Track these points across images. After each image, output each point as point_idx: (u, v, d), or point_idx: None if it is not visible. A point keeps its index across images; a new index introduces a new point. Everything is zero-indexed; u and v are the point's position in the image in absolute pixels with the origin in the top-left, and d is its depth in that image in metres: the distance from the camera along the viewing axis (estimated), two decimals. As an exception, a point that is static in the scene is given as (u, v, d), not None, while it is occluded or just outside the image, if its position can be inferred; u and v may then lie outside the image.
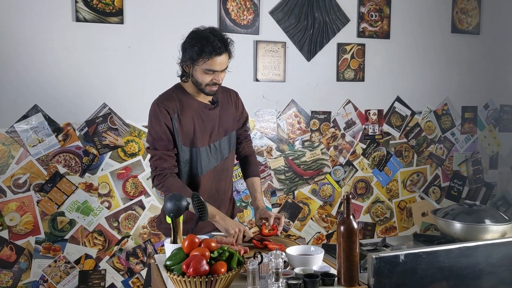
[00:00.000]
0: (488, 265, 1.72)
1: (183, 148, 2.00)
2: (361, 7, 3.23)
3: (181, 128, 1.97)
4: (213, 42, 1.84)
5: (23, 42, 2.57)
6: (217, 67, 1.89)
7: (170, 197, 1.69)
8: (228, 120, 2.09)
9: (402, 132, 3.44)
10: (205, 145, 2.02)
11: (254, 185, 2.15)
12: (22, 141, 2.62)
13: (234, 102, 2.13)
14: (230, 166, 2.14)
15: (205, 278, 1.42)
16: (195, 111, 1.99)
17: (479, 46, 3.60)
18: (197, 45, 1.86)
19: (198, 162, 2.01)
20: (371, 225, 3.41)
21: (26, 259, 2.66)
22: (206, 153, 2.02)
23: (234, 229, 1.90)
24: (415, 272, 1.61)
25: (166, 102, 1.97)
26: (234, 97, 2.15)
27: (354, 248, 1.55)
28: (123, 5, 2.71)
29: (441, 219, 2.01)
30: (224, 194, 2.13)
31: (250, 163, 2.21)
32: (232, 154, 2.15)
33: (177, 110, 1.96)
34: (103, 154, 2.76)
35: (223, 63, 1.90)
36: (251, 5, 2.95)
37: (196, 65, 1.89)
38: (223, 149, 2.07)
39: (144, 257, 2.88)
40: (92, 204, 2.76)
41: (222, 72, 1.93)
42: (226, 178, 2.12)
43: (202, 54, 1.85)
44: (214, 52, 1.84)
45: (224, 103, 2.09)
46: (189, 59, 1.90)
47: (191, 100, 2.00)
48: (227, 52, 1.90)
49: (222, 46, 1.86)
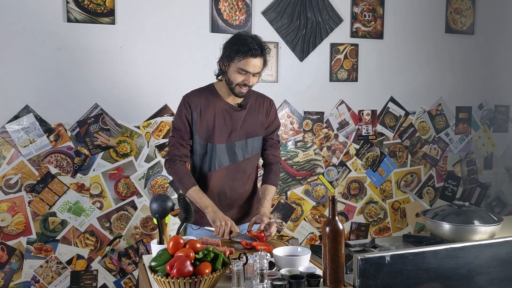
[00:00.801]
0: (475, 266, 1.71)
1: (199, 142, 2.10)
2: (354, 7, 3.22)
3: (201, 123, 2.08)
4: (250, 44, 1.96)
5: (14, 43, 2.57)
6: (250, 68, 1.98)
7: (156, 197, 1.69)
8: (253, 125, 2.14)
9: (396, 132, 3.44)
10: (222, 143, 2.09)
11: (266, 191, 2.17)
12: (14, 141, 2.61)
13: (266, 109, 2.19)
14: (249, 169, 2.18)
15: (189, 279, 1.41)
16: (219, 110, 2.09)
17: (473, 46, 3.59)
18: (236, 44, 1.98)
19: (212, 158, 2.10)
20: (365, 225, 3.41)
21: (18, 260, 2.66)
22: (222, 151, 2.10)
23: (220, 222, 1.93)
24: (401, 273, 1.61)
25: (191, 97, 2.11)
26: (268, 104, 2.21)
27: (339, 249, 1.54)
28: (115, 5, 2.71)
29: (430, 220, 2.01)
30: (239, 194, 2.16)
31: (271, 171, 2.23)
32: (253, 158, 2.18)
33: (200, 106, 2.08)
34: (95, 155, 2.76)
35: (257, 66, 2.00)
36: (243, 5, 2.95)
37: (232, 62, 1.99)
38: (241, 151, 2.13)
39: (136, 257, 2.88)
40: (83, 205, 2.76)
41: (254, 76, 2.02)
42: (242, 179, 2.15)
43: (238, 53, 1.96)
44: (249, 52, 1.95)
45: (254, 108, 2.15)
46: (226, 57, 2.01)
47: (218, 99, 2.10)
48: (262, 57, 2.01)
49: (258, 50, 1.97)
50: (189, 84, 2.27)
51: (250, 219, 2.18)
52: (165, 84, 2.85)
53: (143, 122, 2.84)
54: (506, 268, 1.75)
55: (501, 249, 1.75)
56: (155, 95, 2.85)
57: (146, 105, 2.84)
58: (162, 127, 2.87)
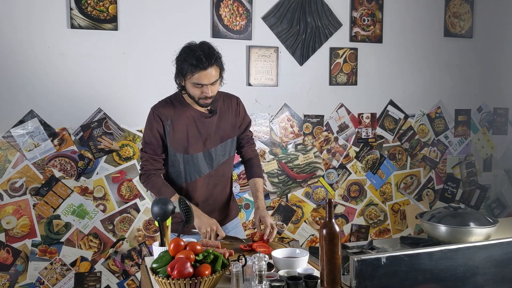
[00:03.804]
0: (470, 268, 1.74)
1: (175, 154, 2.06)
2: (354, 12, 3.26)
3: (174, 134, 2.04)
4: (198, 56, 1.88)
5: (19, 49, 2.63)
6: (204, 80, 1.92)
7: (157, 201, 1.73)
8: (226, 128, 2.13)
9: (395, 135, 3.47)
10: (199, 151, 2.07)
11: (256, 185, 2.20)
12: (19, 145, 2.67)
13: (234, 109, 2.17)
14: (227, 171, 2.19)
15: (189, 280, 1.46)
16: (190, 119, 2.05)
17: (472, 50, 3.63)
18: (184, 60, 1.92)
19: (191, 168, 2.08)
20: (365, 227, 3.44)
21: (23, 262, 2.71)
22: (200, 159, 2.08)
23: (206, 228, 1.94)
24: (396, 275, 1.64)
25: (161, 109, 2.06)
26: (235, 103, 2.18)
27: (336, 251, 1.58)
28: (117, 12, 2.76)
29: (427, 222, 2.04)
30: (219, 198, 2.18)
31: (253, 165, 2.25)
32: (230, 160, 2.19)
33: (171, 117, 2.03)
34: (98, 158, 2.81)
35: (211, 76, 1.93)
36: (244, 11, 3.00)
37: (185, 79, 1.95)
38: (218, 156, 2.12)
39: (139, 259, 2.93)
40: (87, 208, 2.80)
41: (212, 85, 1.96)
42: (221, 183, 2.17)
43: (188, 69, 1.91)
44: (198, 66, 1.88)
45: (224, 111, 2.13)
46: (179, 74, 1.97)
47: (188, 108, 2.06)
48: (214, 65, 1.92)
49: (206, 61, 1.89)
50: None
51: (230, 220, 2.22)
52: (167, 89, 2.87)
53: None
54: (501, 269, 1.78)
55: (496, 250, 1.77)
56: (157, 100, 2.85)
57: (148, 110, 2.86)
58: (164, 131, 2.91)
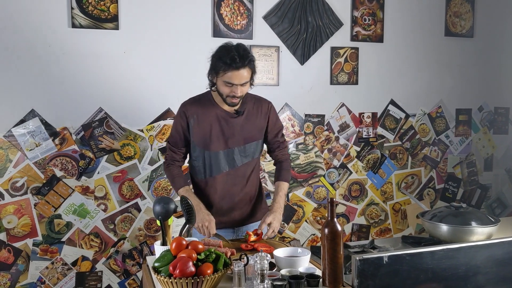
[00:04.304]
0: (472, 267, 1.74)
1: (196, 149, 2.15)
2: (354, 11, 3.26)
3: (198, 131, 2.12)
4: (232, 56, 1.96)
5: (20, 48, 2.63)
6: (235, 80, 1.99)
7: (159, 200, 1.73)
8: (252, 130, 2.17)
9: (396, 134, 3.47)
10: (220, 149, 2.13)
11: (278, 188, 2.23)
12: (20, 145, 2.67)
13: (264, 113, 2.21)
14: (249, 171, 2.21)
15: (191, 279, 1.46)
16: (215, 117, 2.12)
17: (473, 49, 3.63)
18: (219, 58, 1.99)
19: (212, 164, 2.14)
20: (366, 227, 3.44)
21: (24, 261, 2.71)
22: (220, 157, 2.13)
23: (198, 223, 2.02)
24: (398, 274, 1.64)
25: (188, 106, 2.15)
26: (266, 108, 2.22)
27: (338, 250, 1.58)
28: (118, 11, 2.76)
29: (428, 221, 2.04)
30: (238, 197, 2.20)
31: (281, 168, 2.29)
32: (253, 162, 2.21)
33: (197, 114, 2.12)
34: (99, 158, 2.81)
35: (242, 77, 1.99)
36: (245, 10, 3.00)
37: (217, 76, 2.02)
38: (239, 156, 2.16)
39: (140, 258, 2.93)
40: (88, 207, 2.80)
41: (242, 86, 2.02)
42: (241, 183, 2.19)
43: (221, 67, 1.98)
44: (232, 65, 1.96)
45: (252, 113, 2.17)
46: (213, 71, 2.05)
47: (215, 107, 2.13)
48: (247, 67, 2.00)
49: (240, 61, 1.96)
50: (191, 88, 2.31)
51: (255, 220, 2.25)
52: (167, 88, 2.90)
53: (146, 125, 2.89)
54: (502, 268, 1.78)
55: (498, 249, 1.78)
56: (158, 99, 2.89)
57: (149, 109, 2.88)
58: (165, 130, 2.92)
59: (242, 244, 1.98)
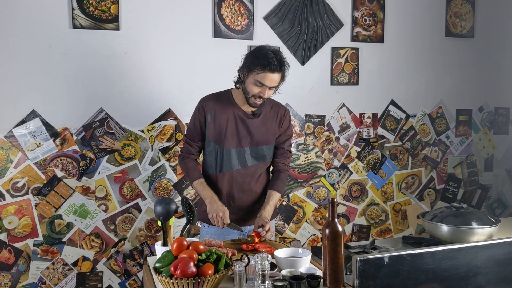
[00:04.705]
0: (473, 267, 1.75)
1: (212, 145, 2.19)
2: (355, 12, 3.26)
3: (214, 126, 2.17)
4: (271, 59, 2.02)
5: (21, 49, 2.63)
6: (267, 82, 2.04)
7: (160, 200, 1.74)
8: (265, 133, 2.20)
9: (396, 135, 3.48)
10: (232, 147, 2.16)
11: (270, 197, 2.22)
12: (20, 145, 2.67)
13: (279, 119, 2.24)
14: (259, 171, 2.24)
15: (192, 279, 1.46)
16: (232, 116, 2.17)
17: (473, 50, 3.63)
18: (257, 57, 2.05)
19: (224, 161, 2.18)
20: (366, 227, 3.44)
21: (25, 262, 2.71)
22: (232, 155, 2.17)
23: (213, 213, 2.04)
24: (399, 274, 1.64)
25: (207, 101, 2.20)
26: (282, 113, 2.26)
27: (339, 251, 1.58)
28: (119, 12, 2.76)
29: (429, 221, 2.05)
30: (247, 196, 2.23)
31: (278, 178, 2.29)
32: (263, 164, 2.25)
33: (214, 110, 2.17)
34: (100, 158, 2.81)
35: (274, 80, 2.06)
36: (245, 11, 3.00)
37: (250, 74, 2.06)
38: (250, 157, 2.19)
39: (140, 259, 2.93)
40: (89, 207, 2.81)
41: (270, 89, 2.09)
42: (250, 182, 2.22)
43: (257, 66, 2.02)
44: (269, 67, 2.01)
45: (268, 117, 2.21)
46: (246, 67, 2.08)
47: (233, 106, 2.18)
48: (280, 72, 2.06)
49: (277, 65, 2.02)
50: (192, 88, 2.33)
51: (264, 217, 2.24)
52: (168, 89, 2.90)
53: (147, 126, 2.89)
54: (503, 268, 1.78)
55: (498, 250, 1.78)
56: (158, 100, 2.89)
57: (150, 109, 2.88)
58: (166, 130, 2.92)
59: (243, 245, 1.98)
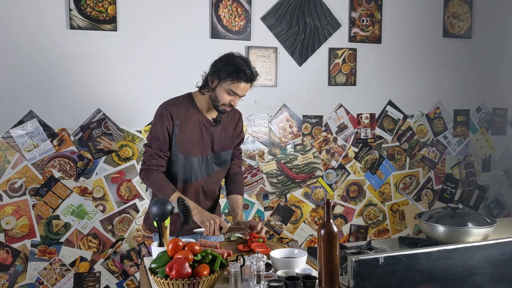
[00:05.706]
0: (468, 268, 1.75)
1: (178, 154, 2.09)
2: (352, 12, 3.27)
3: (181, 135, 2.07)
4: (245, 69, 2.00)
5: (19, 49, 2.63)
6: (240, 91, 2.03)
7: (155, 201, 1.74)
8: (225, 139, 2.19)
9: (394, 135, 3.48)
10: (197, 156, 2.11)
11: (238, 202, 2.23)
12: (18, 146, 2.67)
13: (235, 123, 2.24)
14: (220, 179, 2.26)
15: (188, 280, 1.46)
16: (197, 123, 2.10)
17: (471, 50, 3.63)
18: (232, 66, 2.00)
19: (188, 170, 2.12)
20: (364, 228, 3.45)
21: (22, 262, 2.72)
22: (197, 164, 2.12)
23: (209, 221, 1.98)
24: (394, 275, 1.64)
25: (173, 107, 2.08)
26: (237, 118, 2.26)
27: (334, 251, 1.58)
28: (117, 12, 2.76)
29: (425, 222, 2.05)
30: (208, 204, 2.23)
31: (236, 181, 2.29)
32: (224, 170, 2.25)
33: (181, 117, 2.07)
34: (98, 159, 2.81)
35: (246, 90, 2.05)
36: (243, 12, 3.00)
37: (223, 82, 2.01)
38: (213, 164, 2.17)
39: (138, 259, 2.93)
40: (86, 208, 2.81)
41: (240, 98, 2.07)
42: (212, 191, 2.22)
43: (233, 75, 1.99)
44: (244, 77, 1.99)
45: (226, 123, 2.19)
46: (217, 75, 2.02)
47: (197, 112, 2.11)
48: (253, 82, 2.06)
49: (252, 75, 2.02)
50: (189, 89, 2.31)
51: None
52: (165, 89, 2.88)
53: (144, 126, 2.89)
54: (499, 269, 1.78)
55: (494, 250, 1.78)
56: (156, 100, 2.86)
57: (147, 110, 2.87)
58: (163, 131, 2.92)
59: (239, 245, 1.99)
